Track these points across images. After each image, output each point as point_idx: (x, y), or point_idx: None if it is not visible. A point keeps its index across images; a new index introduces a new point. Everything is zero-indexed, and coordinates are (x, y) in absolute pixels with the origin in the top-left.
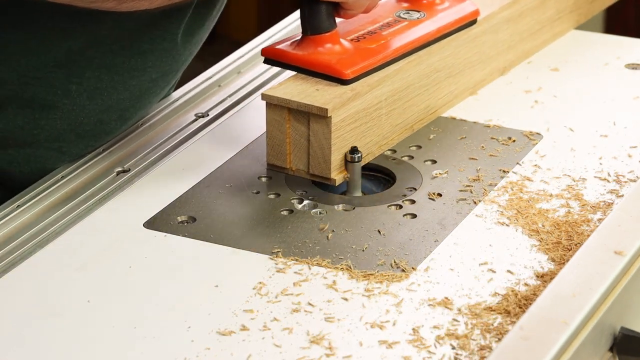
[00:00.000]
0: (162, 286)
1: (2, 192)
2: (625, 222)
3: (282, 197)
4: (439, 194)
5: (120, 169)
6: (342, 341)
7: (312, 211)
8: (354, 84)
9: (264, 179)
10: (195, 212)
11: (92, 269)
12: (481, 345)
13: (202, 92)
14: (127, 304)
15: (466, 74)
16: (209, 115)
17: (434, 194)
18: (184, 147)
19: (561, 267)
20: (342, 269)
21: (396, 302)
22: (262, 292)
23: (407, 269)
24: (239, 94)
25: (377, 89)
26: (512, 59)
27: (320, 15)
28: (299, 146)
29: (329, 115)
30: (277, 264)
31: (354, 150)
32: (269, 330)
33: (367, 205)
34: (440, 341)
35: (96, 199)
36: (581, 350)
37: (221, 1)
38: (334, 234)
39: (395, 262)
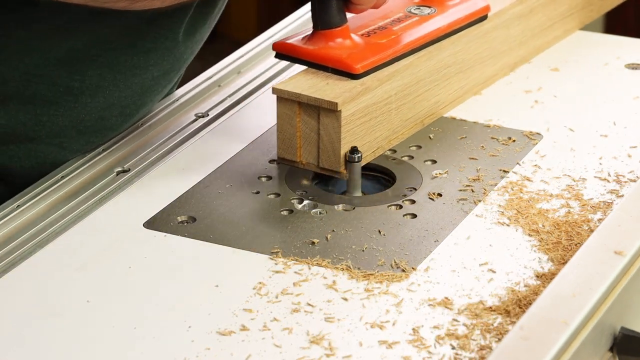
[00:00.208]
0: (162, 286)
1: (2, 186)
2: (625, 222)
3: (282, 197)
4: (439, 194)
5: (120, 169)
6: (342, 341)
7: (312, 211)
8: (364, 78)
9: (264, 179)
10: (195, 212)
11: (92, 269)
12: (481, 345)
13: (202, 92)
14: (127, 304)
15: (477, 69)
16: (209, 115)
17: (434, 194)
18: (184, 147)
19: (561, 267)
20: (342, 269)
21: (396, 302)
22: (262, 292)
23: (407, 269)
24: (239, 94)
25: (387, 84)
26: (523, 55)
27: (330, 10)
28: (309, 140)
29: (339, 109)
30: (277, 264)
31: (354, 150)
32: (268, 330)
33: (367, 205)
34: (440, 341)
35: (96, 199)
36: (581, 350)
37: (222, 0)
38: (334, 234)
39: (395, 262)
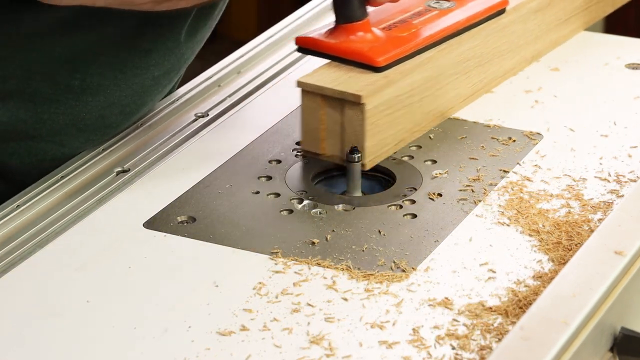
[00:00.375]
0: (162, 286)
1: (1, 184)
2: (625, 222)
3: (282, 197)
4: (439, 194)
5: (119, 169)
6: (342, 341)
7: (312, 211)
8: (387, 71)
9: (264, 179)
10: (195, 212)
11: (91, 269)
12: (481, 345)
13: (202, 92)
14: (127, 304)
15: (495, 62)
16: (208, 115)
17: (434, 194)
18: (184, 147)
19: (561, 267)
20: (342, 269)
21: (396, 302)
22: (262, 292)
23: (407, 269)
24: (238, 94)
25: (410, 77)
26: (540, 49)
27: (352, 3)
28: (333, 132)
29: (363, 102)
30: (277, 264)
31: (354, 150)
32: (268, 330)
33: (367, 205)
34: (440, 341)
35: (96, 199)
36: (581, 350)
37: (224, 0)
38: (334, 234)
39: (395, 262)
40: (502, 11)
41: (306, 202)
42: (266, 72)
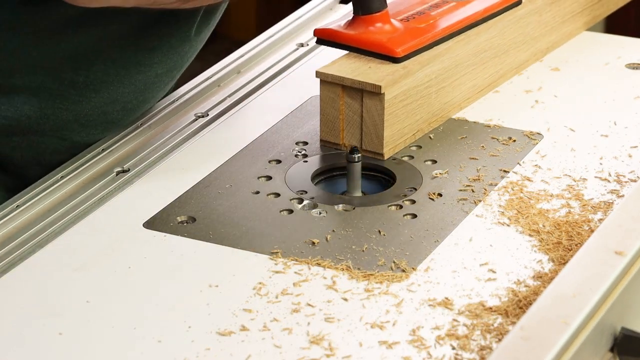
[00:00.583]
0: (161, 286)
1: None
2: (625, 222)
3: (282, 197)
4: (439, 194)
5: (119, 169)
6: (342, 341)
7: (312, 211)
8: (405, 62)
9: (264, 179)
10: (195, 212)
11: (91, 269)
12: (481, 345)
13: (202, 92)
14: (127, 304)
15: (511, 54)
16: (208, 115)
17: (434, 194)
18: (184, 147)
19: (561, 268)
20: (342, 269)
21: (396, 303)
22: (262, 292)
23: (407, 269)
24: (238, 94)
25: (428, 67)
26: (554, 41)
27: None
28: (352, 122)
29: (383, 92)
30: (277, 264)
31: (354, 150)
32: (268, 330)
33: (367, 205)
34: (440, 341)
35: (96, 199)
36: (582, 350)
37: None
38: (334, 234)
39: (395, 262)
40: (519, 2)
41: (306, 202)
42: (266, 72)
